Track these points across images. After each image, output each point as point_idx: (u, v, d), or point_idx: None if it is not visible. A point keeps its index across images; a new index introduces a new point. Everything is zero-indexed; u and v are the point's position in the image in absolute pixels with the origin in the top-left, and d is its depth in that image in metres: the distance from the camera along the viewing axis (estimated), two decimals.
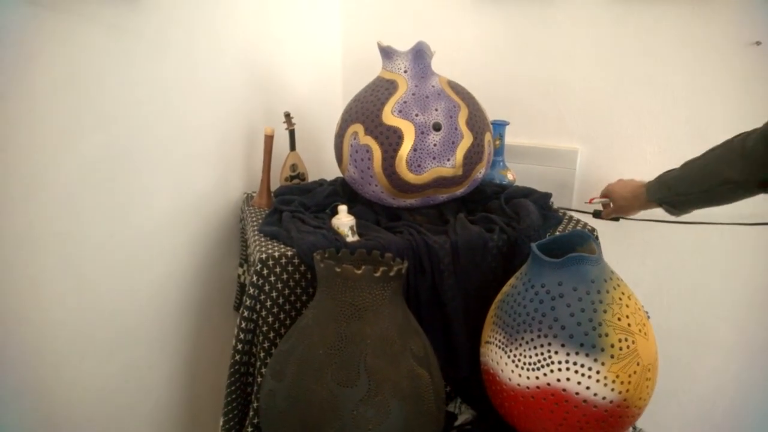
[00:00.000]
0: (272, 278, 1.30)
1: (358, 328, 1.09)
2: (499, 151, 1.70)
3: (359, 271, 1.08)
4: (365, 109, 1.40)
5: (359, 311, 1.10)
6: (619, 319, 1.12)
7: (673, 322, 1.72)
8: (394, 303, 1.14)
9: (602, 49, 1.66)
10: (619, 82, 1.66)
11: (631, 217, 1.54)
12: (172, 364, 1.66)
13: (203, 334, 1.74)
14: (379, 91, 1.42)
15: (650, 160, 1.66)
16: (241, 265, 1.69)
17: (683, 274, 1.71)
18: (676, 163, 1.32)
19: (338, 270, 1.08)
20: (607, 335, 1.10)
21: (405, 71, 1.43)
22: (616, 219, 1.67)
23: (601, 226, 1.63)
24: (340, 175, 1.73)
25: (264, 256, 1.29)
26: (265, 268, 1.29)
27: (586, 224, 1.51)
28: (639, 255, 1.73)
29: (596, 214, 1.69)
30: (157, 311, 1.58)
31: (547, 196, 1.58)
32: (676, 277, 1.71)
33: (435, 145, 1.37)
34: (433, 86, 1.42)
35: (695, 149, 1.28)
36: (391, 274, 1.11)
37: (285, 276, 1.31)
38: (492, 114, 1.84)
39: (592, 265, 1.15)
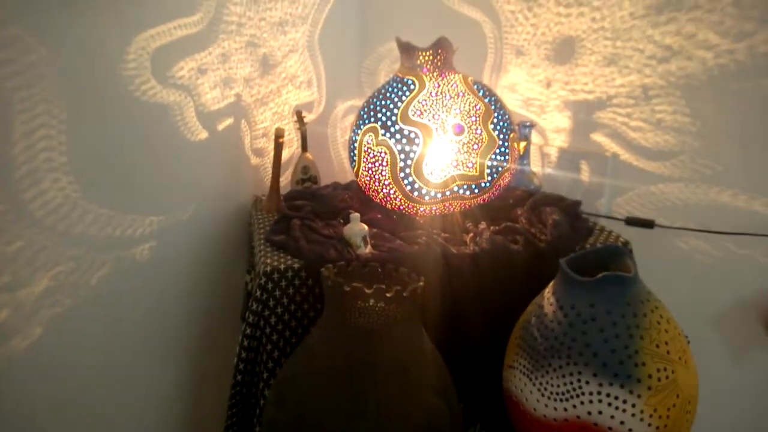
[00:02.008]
0: (277, 293, 1.24)
1: (367, 354, 1.04)
2: (524, 154, 1.63)
3: (370, 291, 1.02)
4: (381, 110, 1.36)
5: (369, 334, 1.04)
6: (657, 346, 1.03)
7: (713, 345, 1.63)
8: (409, 325, 1.08)
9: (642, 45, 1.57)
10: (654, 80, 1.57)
11: (665, 223, 1.47)
12: (177, 374, 1.63)
13: (208, 343, 1.70)
14: (396, 91, 1.37)
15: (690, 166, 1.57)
16: (249, 272, 1.64)
17: (724, 290, 1.61)
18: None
19: (347, 289, 1.02)
20: (644, 364, 1.02)
21: (425, 69, 1.37)
22: (650, 224, 1.59)
23: (634, 236, 1.54)
24: (354, 178, 1.67)
25: (269, 269, 1.24)
26: (269, 282, 1.24)
27: (618, 236, 1.43)
28: (673, 268, 1.64)
29: (630, 221, 1.61)
30: (160, 319, 1.54)
31: (577, 204, 1.52)
32: (715, 294, 1.62)
33: (456, 149, 1.32)
34: (454, 85, 1.37)
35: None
36: (405, 293, 1.04)
37: (291, 291, 1.26)
38: (517, 116, 1.76)
39: (627, 286, 1.07)
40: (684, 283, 1.64)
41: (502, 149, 1.37)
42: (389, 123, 1.33)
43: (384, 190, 1.37)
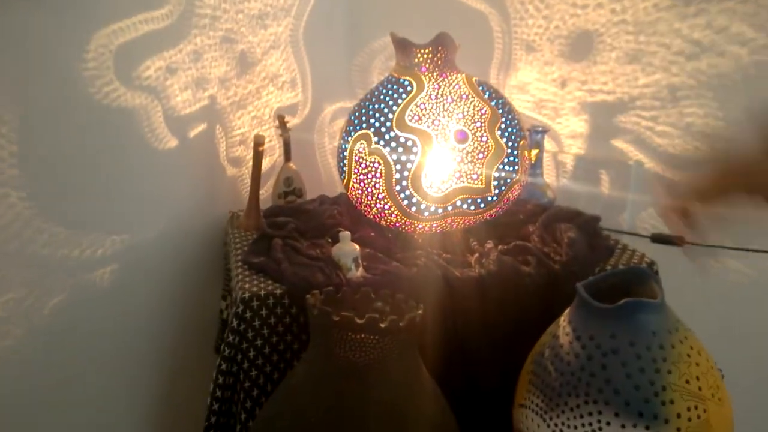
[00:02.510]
0: (256, 323, 1.25)
1: (359, 391, 1.04)
2: (536, 163, 1.66)
3: (361, 321, 1.03)
4: (375, 114, 1.37)
5: (361, 370, 1.05)
6: (687, 382, 1.05)
7: (751, 379, 1.64)
8: (405, 359, 1.09)
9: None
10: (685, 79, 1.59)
11: (695, 240, 1.48)
12: (144, 416, 1.63)
13: (179, 380, 1.70)
14: (391, 93, 1.39)
15: None
16: (224, 298, 1.65)
17: (763, 316, 1.63)
18: None
19: (335, 318, 1.03)
20: (672, 402, 1.03)
21: (423, 68, 1.39)
22: (679, 242, 1.60)
23: (660, 255, 1.56)
24: (343, 191, 1.68)
25: (247, 295, 1.25)
26: (247, 311, 1.25)
27: (643, 256, 1.45)
28: (706, 291, 1.65)
29: (656, 238, 1.62)
30: (124, 353, 1.55)
31: (596, 219, 1.53)
32: (753, 321, 1.63)
33: (459, 158, 1.34)
34: (457, 87, 1.39)
35: None
36: (402, 323, 1.05)
37: (272, 320, 1.26)
38: (528, 120, 1.79)
39: (653, 313, 1.08)
40: (717, 308, 1.65)
41: (511, 158, 1.38)
42: (383, 129, 1.35)
43: (378, 205, 1.38)
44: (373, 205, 1.40)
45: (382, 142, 1.34)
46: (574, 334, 1.11)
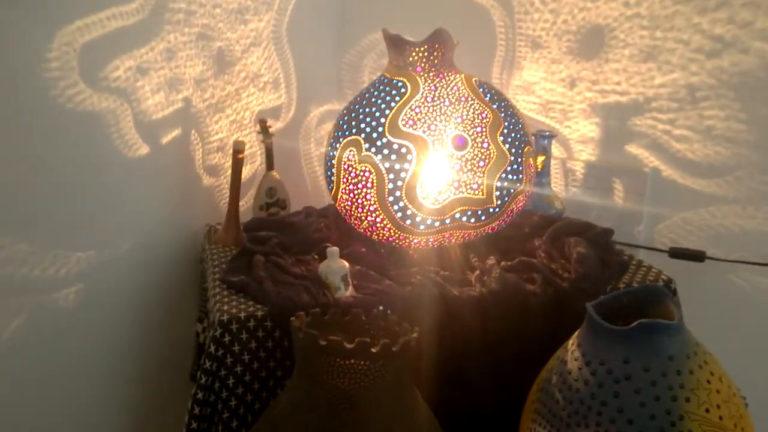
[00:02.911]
0: (236, 348, 1.26)
1: (349, 422, 1.05)
2: (543, 171, 1.67)
3: (351, 346, 1.04)
4: (365, 119, 1.39)
5: (351, 399, 1.06)
6: (707, 411, 1.06)
7: None
8: (399, 387, 1.10)
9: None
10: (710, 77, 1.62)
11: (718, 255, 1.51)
12: None
13: (152, 410, 1.71)
14: (383, 95, 1.41)
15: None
16: (201, 321, 1.66)
17: None
18: None
19: (322, 343, 1.04)
20: None
21: (418, 68, 1.41)
22: (700, 257, 1.62)
23: (679, 271, 1.58)
24: (331, 202, 1.70)
25: (225, 317, 1.26)
26: (226, 334, 1.26)
27: (660, 273, 1.47)
28: (729, 311, 1.67)
29: (675, 253, 1.64)
30: (91, 380, 1.56)
31: (608, 233, 1.55)
32: None
33: (457, 166, 1.35)
34: (455, 88, 1.41)
35: None
36: (395, 348, 1.06)
37: (253, 345, 1.27)
38: (534, 123, 1.80)
39: (670, 336, 1.09)
40: (741, 329, 1.66)
41: (515, 166, 1.40)
42: (374, 135, 1.36)
43: (369, 218, 1.40)
44: (363, 218, 1.41)
45: (373, 149, 1.36)
46: (584, 358, 1.12)
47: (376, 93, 1.42)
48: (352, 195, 1.41)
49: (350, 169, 1.39)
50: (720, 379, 1.10)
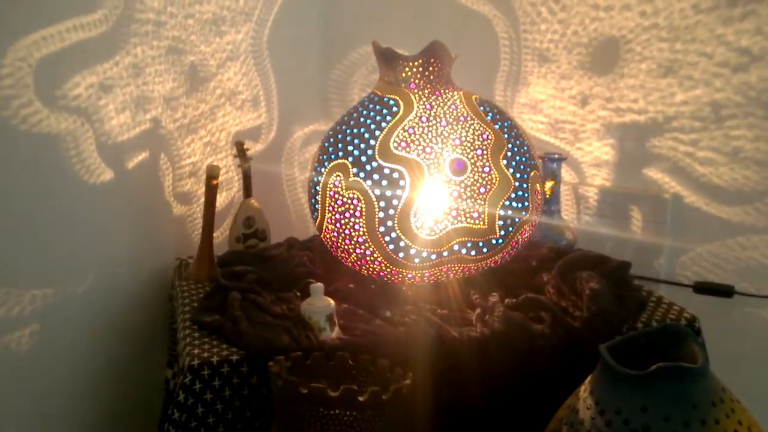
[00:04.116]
0: (208, 395, 1.27)
1: None
2: (552, 198, 1.68)
3: (335, 394, 1.04)
4: (353, 141, 1.40)
5: None
6: None
7: None
8: None
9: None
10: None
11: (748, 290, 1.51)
12: None
13: None
14: (373, 115, 1.42)
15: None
16: (170, 365, 1.66)
17: None
18: None
19: (303, 391, 1.05)
20: None
21: (412, 85, 1.42)
22: (728, 292, 1.63)
23: (705, 308, 1.59)
24: (317, 233, 1.71)
25: (195, 362, 1.26)
26: (197, 381, 1.26)
27: (682, 310, 1.47)
28: (759, 350, 1.68)
29: (701, 288, 1.65)
30: None
31: (625, 267, 1.56)
32: None
33: (456, 192, 1.36)
34: (453, 106, 1.42)
35: None
36: (386, 396, 1.07)
37: (227, 393, 1.28)
38: (541, 145, 1.81)
39: (693, 381, 1.10)
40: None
41: (520, 192, 1.41)
42: (364, 158, 1.37)
43: (358, 251, 1.41)
44: (351, 251, 1.42)
45: (362, 174, 1.37)
46: (597, 407, 1.12)
47: (365, 112, 1.43)
48: (338, 225, 1.41)
49: (336, 196, 1.40)
50: (749, 430, 1.11)
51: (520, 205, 1.42)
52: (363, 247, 1.40)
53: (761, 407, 1.28)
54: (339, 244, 1.44)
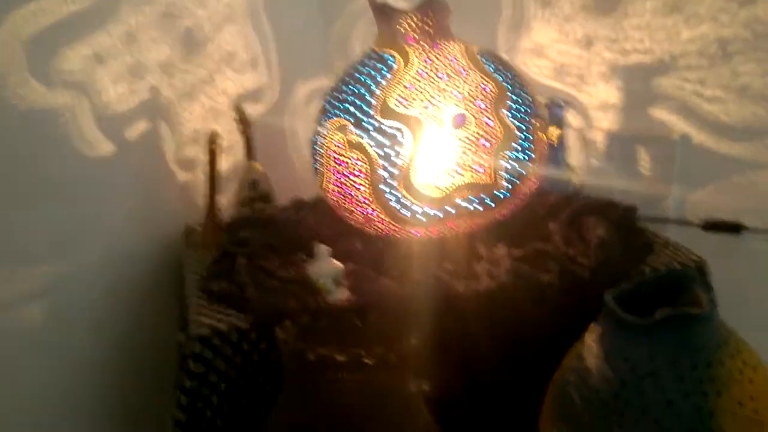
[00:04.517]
0: (219, 363, 1.29)
1: None
2: (558, 145, 1.69)
3: (342, 358, 1.06)
4: (352, 99, 1.40)
5: (347, 417, 1.08)
6: (740, 404, 1.09)
7: None
8: (399, 400, 1.13)
9: None
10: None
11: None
12: None
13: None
14: (371, 72, 1.41)
15: None
16: (182, 330, 1.68)
17: None
18: None
19: (311, 357, 1.07)
20: (722, 430, 1.07)
21: (410, 39, 1.42)
22: (737, 229, 1.63)
23: (715, 247, 1.61)
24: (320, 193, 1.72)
25: (205, 331, 1.29)
26: (207, 349, 1.29)
27: (690, 253, 1.49)
28: (766, 290, 1.69)
29: (709, 226, 1.65)
30: (59, 406, 1.59)
31: (632, 211, 1.56)
32: None
33: (459, 147, 1.36)
34: (453, 60, 1.41)
35: None
36: (392, 359, 1.10)
37: (239, 360, 1.30)
38: (546, 91, 1.82)
39: (699, 326, 1.12)
40: None
41: (524, 143, 1.40)
42: (364, 117, 1.37)
43: (362, 210, 1.41)
44: (356, 211, 1.43)
45: (363, 134, 1.36)
46: (604, 355, 1.15)
47: (363, 70, 1.42)
48: (341, 186, 1.41)
49: (338, 157, 1.40)
50: (754, 369, 1.13)
51: (524, 156, 1.41)
52: (367, 206, 1.40)
53: (765, 347, 1.30)
54: (343, 205, 1.45)
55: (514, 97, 1.42)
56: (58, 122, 1.49)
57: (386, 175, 1.36)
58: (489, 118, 1.38)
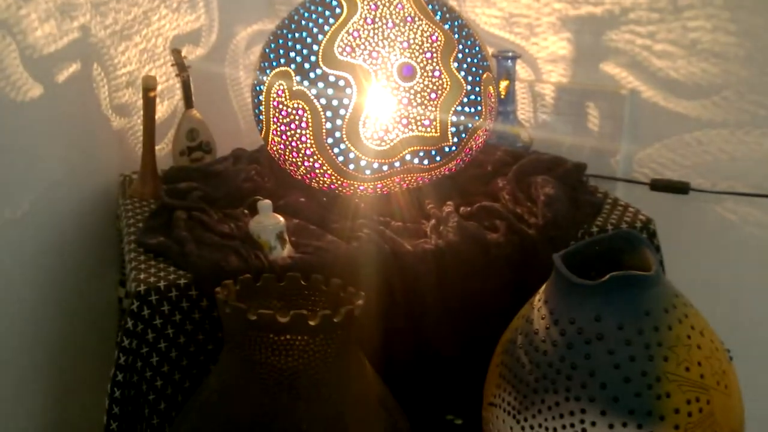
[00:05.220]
0: (157, 321, 1.27)
1: (288, 408, 1.06)
2: (507, 99, 1.67)
3: (284, 319, 1.04)
4: (295, 46, 1.37)
5: (289, 380, 1.07)
6: (687, 369, 1.09)
7: (764, 360, 1.70)
8: (345, 361, 1.11)
9: None
10: None
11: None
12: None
13: (71, 397, 1.73)
14: (315, 17, 1.38)
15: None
16: (122, 284, 1.65)
17: None
18: None
19: (252, 318, 1.04)
20: (668, 395, 1.07)
21: None
22: (684, 189, 1.65)
23: (662, 206, 1.61)
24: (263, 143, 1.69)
25: (142, 288, 1.26)
26: (144, 307, 1.26)
27: (638, 212, 1.49)
28: (714, 248, 1.71)
29: (657, 185, 1.67)
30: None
31: (580, 168, 1.57)
32: None
33: (405, 99, 1.35)
34: (399, 6, 1.39)
35: None
36: (337, 319, 1.07)
37: (177, 318, 1.28)
38: (495, 41, 1.79)
39: (646, 289, 1.12)
40: (728, 267, 1.70)
41: (473, 96, 1.40)
42: (306, 65, 1.35)
43: (306, 163, 1.39)
44: (300, 164, 1.41)
45: (306, 83, 1.34)
46: (552, 317, 1.14)
47: (306, 15, 1.40)
48: (285, 137, 1.40)
49: (281, 106, 1.38)
50: (701, 333, 1.13)
51: (473, 109, 1.41)
52: (311, 159, 1.39)
53: (715, 303, 1.32)
54: (286, 157, 1.43)
55: (463, 48, 1.41)
56: None
57: (330, 126, 1.35)
58: (437, 70, 1.37)
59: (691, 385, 1.09)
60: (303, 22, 1.39)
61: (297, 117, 1.36)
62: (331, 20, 1.36)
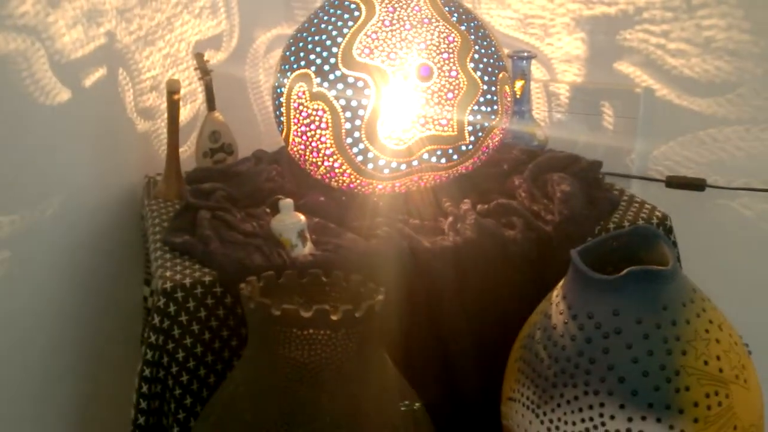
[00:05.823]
0: (183, 318, 1.27)
1: (310, 401, 1.06)
2: (523, 98, 1.66)
3: (308, 314, 1.04)
4: (314, 48, 1.37)
5: (312, 373, 1.07)
6: (706, 363, 1.08)
7: None
8: (366, 355, 1.11)
9: None
10: None
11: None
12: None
13: (98, 392, 1.73)
14: (334, 20, 1.38)
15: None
16: (147, 283, 1.66)
17: None
18: None
19: (276, 313, 1.05)
20: (687, 389, 1.06)
21: None
22: (700, 186, 1.63)
23: (678, 203, 1.60)
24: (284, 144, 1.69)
25: (168, 285, 1.26)
26: (171, 304, 1.26)
27: (654, 209, 1.48)
28: (731, 244, 1.70)
29: (673, 182, 1.65)
30: (24, 363, 1.56)
31: (596, 166, 1.56)
32: None
33: (423, 99, 1.34)
34: (417, 8, 1.39)
35: None
36: (359, 314, 1.07)
37: (202, 314, 1.28)
38: (510, 42, 1.79)
39: (663, 284, 1.11)
40: (745, 264, 1.69)
41: (489, 96, 1.39)
42: (326, 67, 1.34)
43: (326, 163, 1.39)
44: (320, 163, 1.40)
45: (326, 84, 1.34)
46: (570, 311, 1.14)
47: (325, 18, 1.40)
48: (305, 138, 1.39)
49: (301, 108, 1.38)
50: (720, 327, 1.13)
51: (489, 108, 1.40)
52: (331, 159, 1.38)
53: (731, 299, 1.30)
54: (306, 157, 1.42)
55: (479, 49, 1.41)
56: (11, 69, 1.43)
57: (350, 126, 1.35)
58: (453, 70, 1.37)
59: (709, 378, 1.08)
60: (322, 25, 1.39)
61: (317, 118, 1.36)
62: (350, 23, 1.36)
